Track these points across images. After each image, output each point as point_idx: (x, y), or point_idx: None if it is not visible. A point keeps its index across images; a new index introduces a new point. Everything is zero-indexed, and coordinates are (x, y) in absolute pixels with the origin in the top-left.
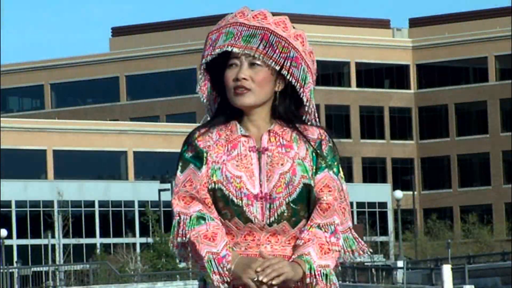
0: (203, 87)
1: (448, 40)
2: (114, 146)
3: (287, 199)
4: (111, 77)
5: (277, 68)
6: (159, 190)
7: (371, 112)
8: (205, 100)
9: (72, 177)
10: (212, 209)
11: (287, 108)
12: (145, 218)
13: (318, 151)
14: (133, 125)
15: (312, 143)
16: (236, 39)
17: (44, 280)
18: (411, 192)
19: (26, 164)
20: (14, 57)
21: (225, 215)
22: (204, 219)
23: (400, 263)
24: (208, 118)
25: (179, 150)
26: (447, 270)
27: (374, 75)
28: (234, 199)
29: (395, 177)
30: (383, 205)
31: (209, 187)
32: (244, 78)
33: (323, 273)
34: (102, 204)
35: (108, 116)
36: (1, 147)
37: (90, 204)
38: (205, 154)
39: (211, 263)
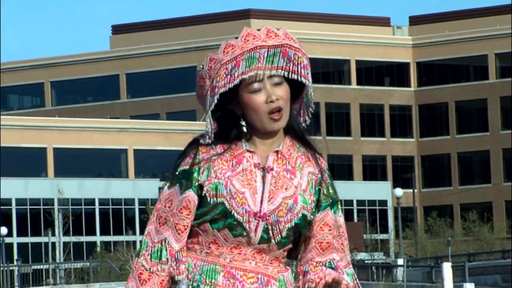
0: (211, 123)
1: (448, 38)
2: (114, 144)
3: (287, 225)
4: (111, 75)
5: (304, 81)
6: (159, 188)
7: (371, 110)
8: (211, 130)
9: (72, 175)
10: (181, 236)
11: (297, 120)
12: (145, 216)
13: (322, 189)
14: (133, 123)
15: (314, 178)
16: (260, 62)
17: (44, 278)
18: (411, 190)
19: (27, 162)
20: (14, 55)
21: (216, 224)
22: (160, 257)
23: (400, 261)
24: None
25: (179, 148)
26: (447, 268)
27: (374, 73)
28: (235, 214)
29: (395, 175)
30: (383, 203)
31: (211, 201)
32: (277, 99)
33: None
34: (102, 202)
35: (109, 114)
36: (1, 145)
37: (90, 202)
38: (197, 174)
39: None
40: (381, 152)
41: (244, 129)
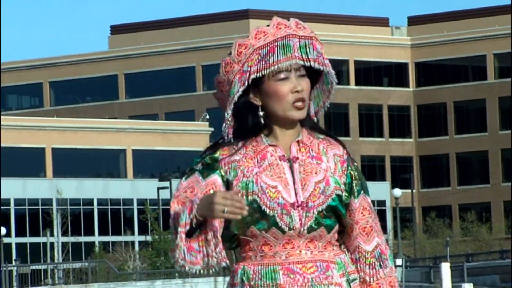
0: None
1: (447, 38)
2: (113, 144)
3: (320, 208)
4: (110, 75)
5: (333, 79)
6: (158, 188)
7: (370, 110)
8: (229, 116)
9: (71, 175)
10: None
11: (311, 118)
12: (144, 216)
13: (353, 173)
14: (132, 123)
15: (340, 160)
16: (294, 51)
17: (43, 278)
18: (409, 190)
19: (25, 162)
20: (13, 55)
21: (262, 226)
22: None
23: (398, 261)
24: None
25: (177, 148)
26: (445, 268)
27: (373, 73)
28: (267, 209)
29: (394, 175)
30: (382, 203)
31: (245, 200)
32: (302, 90)
33: None
34: (101, 202)
35: (107, 114)
36: (0, 145)
37: (89, 202)
38: (220, 168)
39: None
40: (380, 152)
41: (262, 120)
